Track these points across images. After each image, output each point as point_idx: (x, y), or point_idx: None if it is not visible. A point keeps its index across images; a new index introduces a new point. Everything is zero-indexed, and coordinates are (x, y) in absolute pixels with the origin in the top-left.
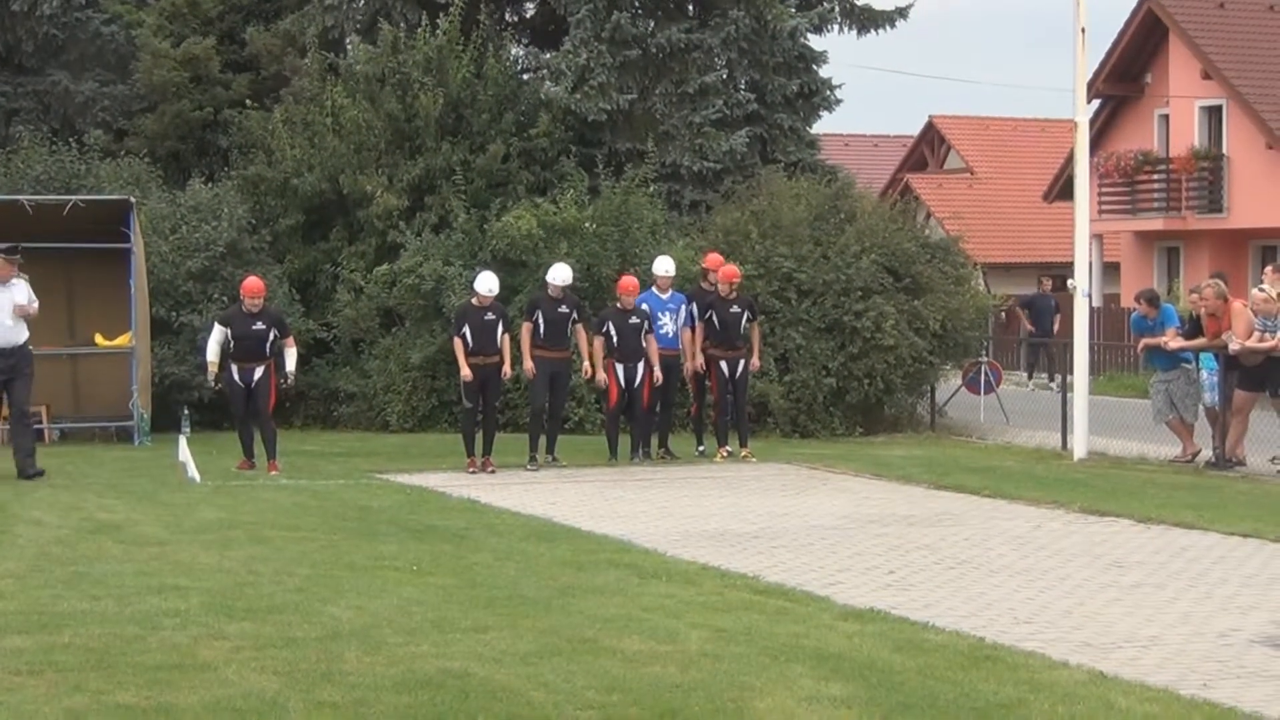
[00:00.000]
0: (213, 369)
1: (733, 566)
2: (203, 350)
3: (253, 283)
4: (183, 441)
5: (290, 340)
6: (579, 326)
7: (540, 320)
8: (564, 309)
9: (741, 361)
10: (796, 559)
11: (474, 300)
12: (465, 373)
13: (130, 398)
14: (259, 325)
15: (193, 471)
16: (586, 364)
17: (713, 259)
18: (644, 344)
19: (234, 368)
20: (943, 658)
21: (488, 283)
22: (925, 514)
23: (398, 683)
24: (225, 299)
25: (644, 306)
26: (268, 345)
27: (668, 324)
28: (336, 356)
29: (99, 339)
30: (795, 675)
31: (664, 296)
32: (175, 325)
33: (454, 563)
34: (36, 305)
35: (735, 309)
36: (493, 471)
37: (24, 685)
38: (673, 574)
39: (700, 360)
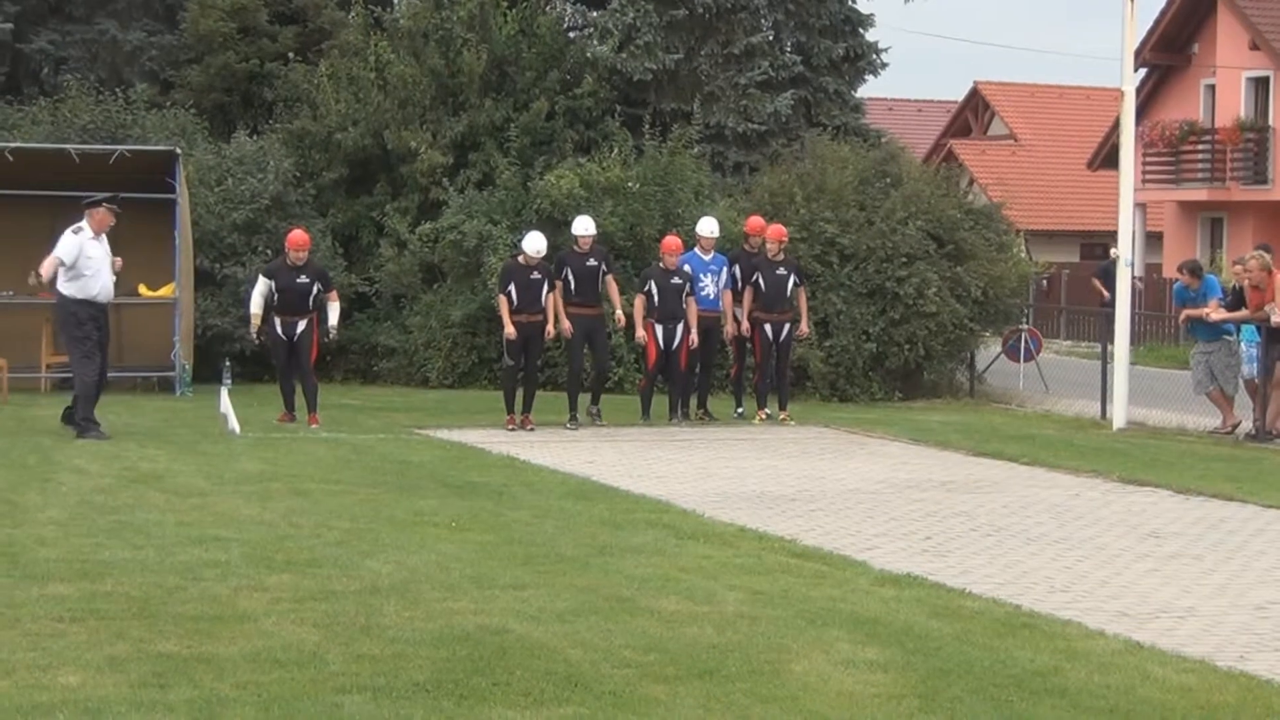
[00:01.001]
0: (256, 321)
1: (770, 529)
2: (247, 302)
3: (298, 235)
4: (224, 393)
5: (334, 294)
6: (609, 278)
7: (570, 277)
8: (592, 262)
9: (786, 325)
10: (834, 523)
11: (520, 259)
12: (509, 330)
13: (172, 348)
14: (303, 279)
15: (233, 423)
16: (619, 312)
17: (754, 223)
18: (684, 305)
19: (277, 321)
20: (979, 624)
21: (536, 243)
22: (963, 480)
23: (436, 638)
24: (269, 251)
25: (686, 267)
26: (311, 299)
27: (709, 285)
28: (378, 311)
29: (143, 289)
30: (832, 639)
31: (706, 258)
32: (219, 277)
33: (492, 519)
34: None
35: (781, 271)
36: (532, 429)
37: (66, 632)
38: (710, 535)
39: (745, 324)
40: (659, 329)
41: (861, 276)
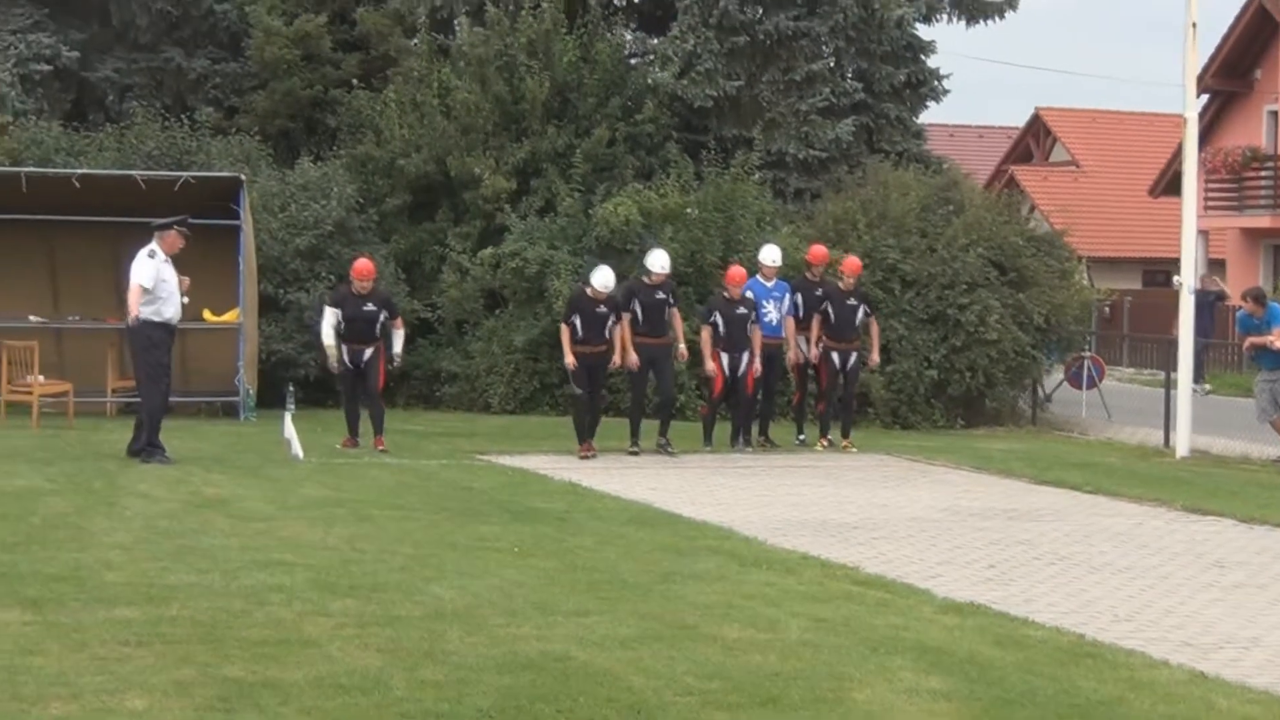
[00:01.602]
0: (332, 352)
1: (833, 556)
2: (316, 333)
3: (364, 264)
4: (287, 418)
5: (399, 321)
6: (674, 311)
7: (638, 308)
8: (660, 294)
9: (854, 354)
10: (897, 550)
11: (588, 291)
12: (569, 360)
13: (236, 373)
14: (369, 306)
15: (297, 448)
16: (682, 346)
17: (816, 252)
18: (749, 334)
19: (344, 349)
20: (1043, 653)
21: (604, 278)
22: (1026, 509)
23: (499, 664)
24: (332, 277)
25: (748, 294)
26: (377, 326)
27: (772, 312)
28: (440, 337)
29: (207, 314)
30: (895, 667)
31: (769, 284)
32: (282, 302)
33: (555, 545)
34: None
35: (852, 301)
36: (594, 455)
37: (133, 656)
38: (773, 562)
39: (815, 351)
40: (724, 357)
41: (923, 303)
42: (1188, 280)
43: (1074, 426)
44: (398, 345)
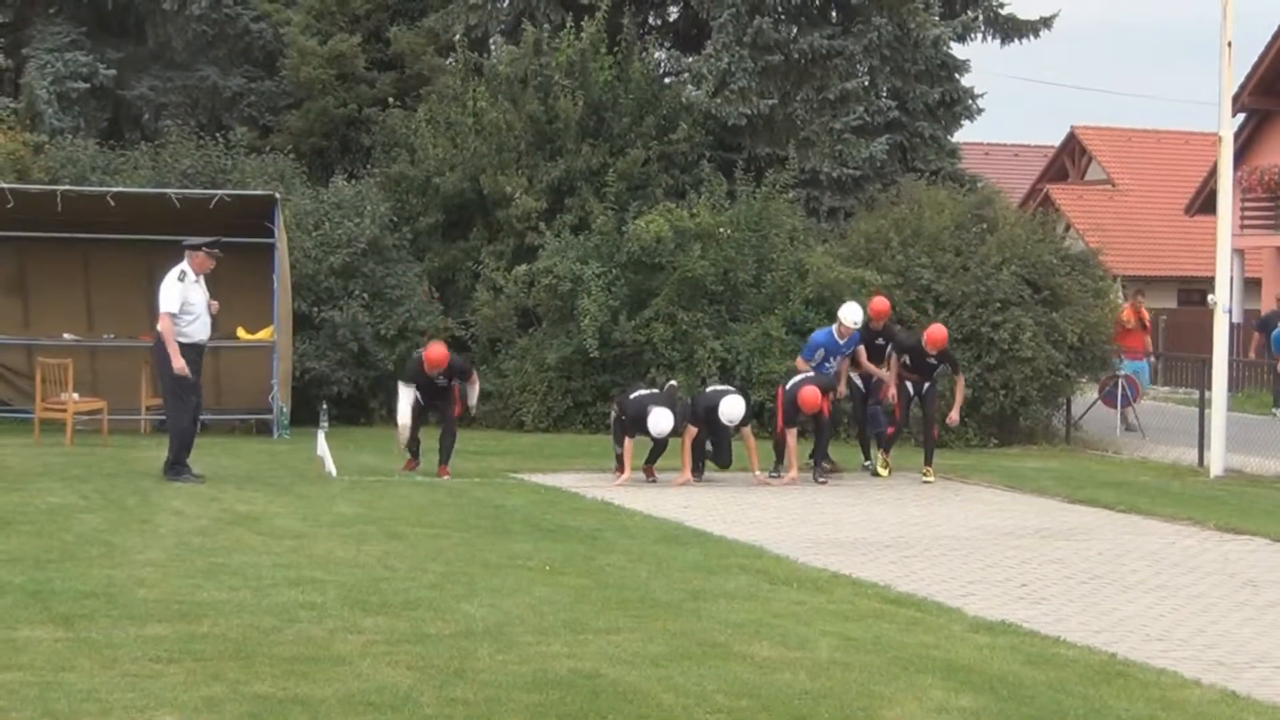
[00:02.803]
0: (405, 434)
1: (864, 575)
2: (392, 409)
3: (437, 355)
4: (321, 436)
5: (474, 377)
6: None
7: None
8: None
9: (928, 383)
10: (928, 569)
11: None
12: (626, 476)
13: (270, 391)
14: (443, 380)
15: (330, 466)
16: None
17: (878, 308)
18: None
19: (420, 395)
20: (1074, 672)
21: (661, 425)
22: (1059, 527)
23: (529, 682)
24: (366, 295)
25: (820, 350)
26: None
27: (834, 366)
28: (474, 355)
29: (241, 332)
30: (925, 686)
31: (842, 341)
32: (316, 320)
33: (586, 563)
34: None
35: (932, 360)
36: (653, 481)
37: (163, 673)
38: (804, 581)
39: (893, 391)
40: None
41: (956, 322)
42: (1222, 299)
43: (1107, 445)
44: (473, 399)
